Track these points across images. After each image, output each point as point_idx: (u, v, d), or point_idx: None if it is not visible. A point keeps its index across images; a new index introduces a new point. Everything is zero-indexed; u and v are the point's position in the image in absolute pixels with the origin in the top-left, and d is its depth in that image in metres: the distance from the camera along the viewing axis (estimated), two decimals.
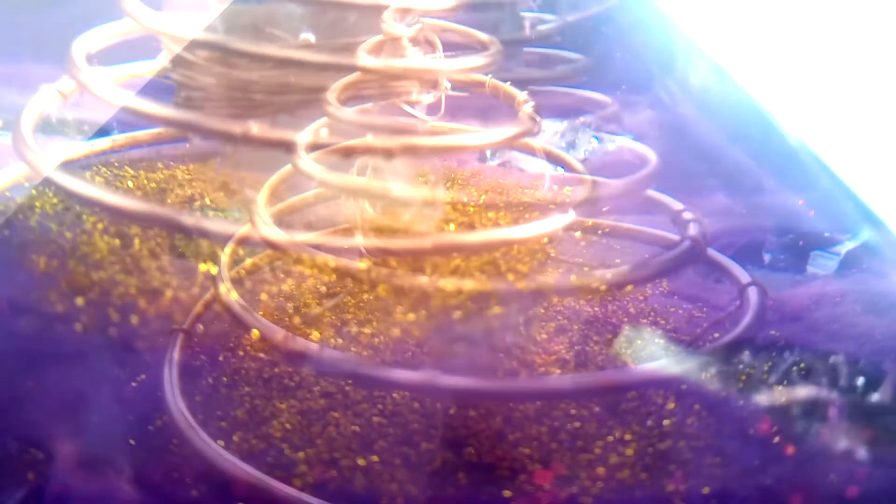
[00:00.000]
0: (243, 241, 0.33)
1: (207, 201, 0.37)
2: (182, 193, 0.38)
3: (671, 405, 0.27)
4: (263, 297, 0.36)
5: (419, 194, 0.26)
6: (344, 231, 0.36)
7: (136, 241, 0.34)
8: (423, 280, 0.25)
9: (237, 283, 0.33)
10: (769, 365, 0.29)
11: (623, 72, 0.35)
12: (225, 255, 0.32)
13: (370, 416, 0.27)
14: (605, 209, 0.32)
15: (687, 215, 0.29)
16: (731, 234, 0.36)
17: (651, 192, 0.30)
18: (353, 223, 0.32)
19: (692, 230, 0.28)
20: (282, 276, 0.36)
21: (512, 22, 0.29)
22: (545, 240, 0.29)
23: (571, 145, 0.30)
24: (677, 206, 0.30)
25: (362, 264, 0.28)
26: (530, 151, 0.29)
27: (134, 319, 0.32)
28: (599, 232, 0.36)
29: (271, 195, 0.32)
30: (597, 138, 0.30)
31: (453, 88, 0.29)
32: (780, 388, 0.28)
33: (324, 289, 0.35)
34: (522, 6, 0.30)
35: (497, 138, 0.27)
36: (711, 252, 0.31)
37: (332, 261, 0.27)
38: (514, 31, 0.29)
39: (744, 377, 0.28)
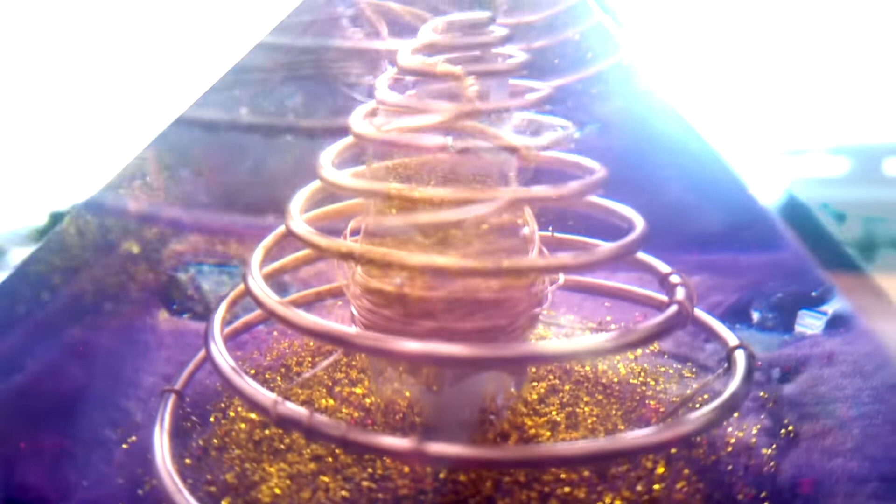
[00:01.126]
0: (238, 301, 0.33)
1: None
2: None
3: (661, 470, 0.27)
4: (255, 354, 0.36)
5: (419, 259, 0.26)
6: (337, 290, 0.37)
7: None
8: (412, 346, 0.25)
9: (230, 341, 0.33)
10: (758, 428, 0.29)
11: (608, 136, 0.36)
12: (218, 314, 0.32)
13: (360, 480, 0.27)
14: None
15: (674, 279, 0.29)
16: (721, 292, 0.36)
17: (640, 255, 0.30)
18: (344, 285, 0.32)
19: (679, 294, 0.28)
20: (275, 333, 0.37)
21: (501, 89, 0.30)
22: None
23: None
24: (665, 268, 0.30)
25: (351, 329, 0.29)
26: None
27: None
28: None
29: (266, 255, 0.32)
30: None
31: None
32: (770, 450, 0.28)
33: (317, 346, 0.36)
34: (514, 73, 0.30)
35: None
36: (699, 312, 0.31)
37: (318, 324, 0.27)
38: (503, 99, 0.30)
39: (732, 441, 0.28)
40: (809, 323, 0.34)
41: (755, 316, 0.35)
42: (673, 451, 0.27)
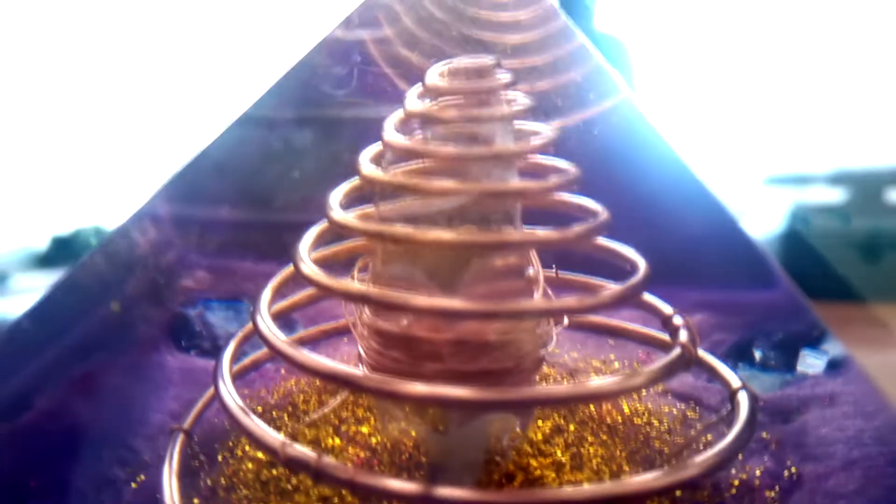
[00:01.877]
0: (247, 339, 0.34)
1: None
2: None
3: None
4: (263, 392, 0.36)
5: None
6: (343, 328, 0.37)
7: None
8: (419, 388, 0.26)
9: (238, 379, 0.33)
10: (761, 470, 0.29)
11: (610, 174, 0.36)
12: (227, 352, 0.33)
13: None
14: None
15: (677, 320, 0.29)
16: (723, 331, 0.37)
17: (644, 296, 0.31)
18: (351, 323, 0.33)
19: (682, 336, 0.28)
20: (282, 371, 0.37)
21: (506, 133, 0.31)
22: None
23: None
24: (667, 310, 0.30)
25: (357, 370, 0.29)
26: None
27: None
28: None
29: (274, 294, 0.33)
30: None
31: None
32: (773, 493, 0.29)
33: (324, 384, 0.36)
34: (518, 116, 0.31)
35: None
36: (702, 353, 0.31)
37: (325, 365, 0.27)
38: (508, 142, 0.31)
39: (736, 483, 0.29)
40: (811, 363, 0.34)
41: (757, 355, 0.35)
42: (678, 493, 0.28)
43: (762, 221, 1.14)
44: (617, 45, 1.12)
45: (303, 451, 0.26)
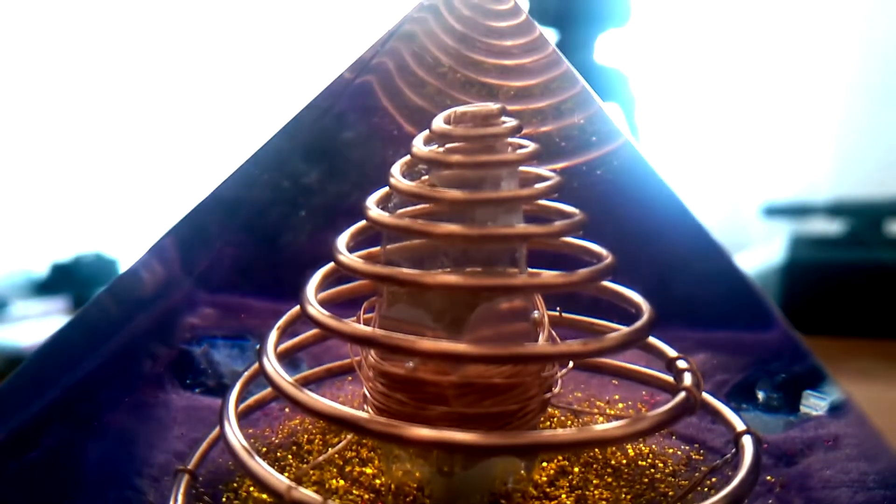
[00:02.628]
0: (252, 380, 0.34)
1: None
2: None
3: None
4: (267, 432, 0.36)
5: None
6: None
7: None
8: (425, 433, 0.26)
9: (243, 419, 0.33)
10: None
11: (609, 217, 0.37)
12: (233, 393, 0.33)
13: None
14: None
15: (681, 364, 0.30)
16: (726, 371, 0.37)
17: (649, 339, 0.31)
18: (356, 362, 0.33)
19: (687, 380, 0.28)
20: (286, 410, 0.37)
21: (512, 178, 0.31)
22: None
23: None
24: (671, 353, 0.31)
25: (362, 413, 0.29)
26: None
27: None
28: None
29: (280, 335, 0.33)
30: None
31: None
32: None
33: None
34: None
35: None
36: (706, 396, 0.32)
37: (331, 408, 0.28)
38: (513, 188, 0.31)
39: None
40: (814, 404, 0.34)
41: (760, 396, 0.36)
42: None
43: (760, 253, 1.15)
44: (619, 78, 1.14)
45: (308, 494, 0.26)
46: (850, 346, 0.80)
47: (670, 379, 0.32)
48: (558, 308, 0.34)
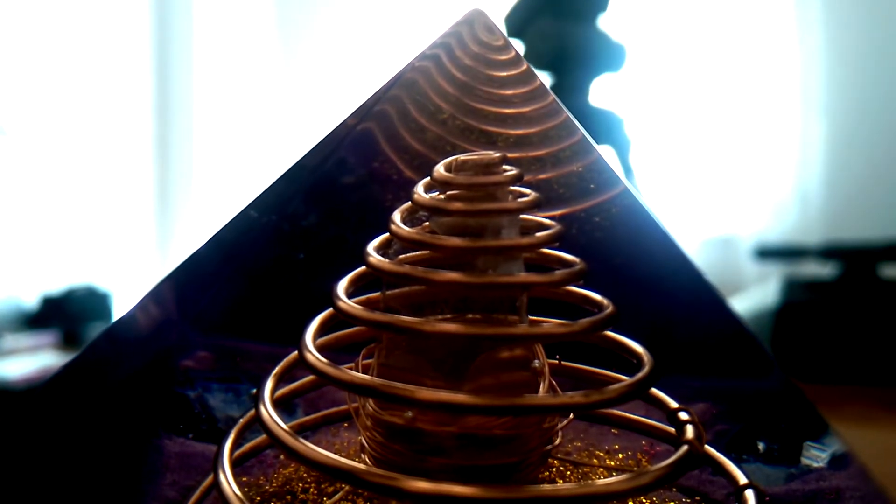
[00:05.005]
0: (248, 427, 0.34)
1: None
2: None
3: None
4: (261, 480, 0.36)
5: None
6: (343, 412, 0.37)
7: None
8: (423, 486, 0.25)
9: (237, 467, 0.33)
10: None
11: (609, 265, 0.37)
12: (228, 441, 0.32)
13: None
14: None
15: (683, 416, 0.29)
16: (726, 421, 0.36)
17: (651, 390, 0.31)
18: (352, 409, 0.33)
19: (689, 433, 0.28)
20: (281, 458, 0.36)
21: (512, 226, 0.31)
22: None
23: None
24: (673, 404, 0.31)
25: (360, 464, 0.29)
26: None
27: None
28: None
29: (277, 383, 0.33)
30: None
31: None
32: None
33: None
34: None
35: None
36: (708, 448, 0.31)
37: (328, 459, 0.27)
38: (514, 236, 0.31)
39: None
40: (815, 455, 0.34)
41: (760, 447, 0.35)
42: None
43: (754, 295, 1.15)
44: (614, 120, 1.15)
45: None
46: (842, 392, 0.79)
47: (671, 429, 0.31)
48: (558, 356, 0.34)
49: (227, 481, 0.30)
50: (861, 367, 0.89)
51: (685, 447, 0.27)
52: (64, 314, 1.65)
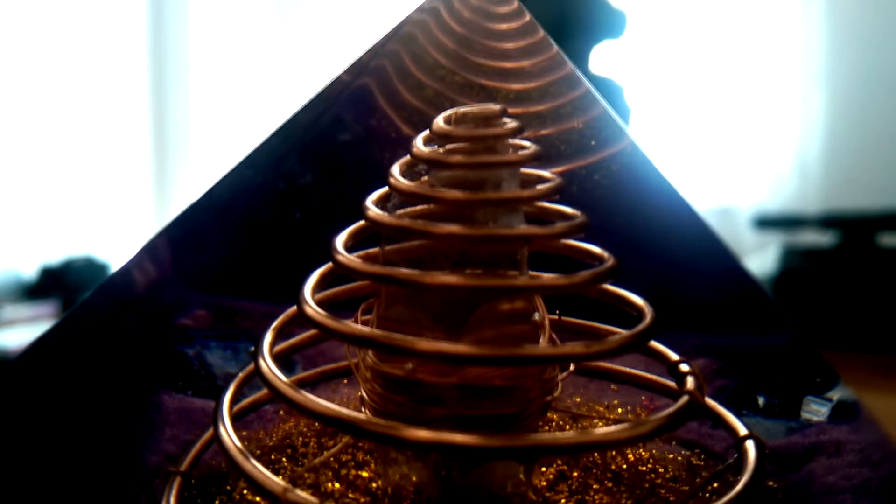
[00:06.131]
0: (247, 381, 0.33)
1: None
2: None
3: None
4: (261, 434, 0.36)
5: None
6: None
7: None
8: (424, 434, 0.25)
9: (236, 421, 0.33)
10: None
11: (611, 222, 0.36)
12: (227, 394, 0.32)
13: None
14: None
15: (684, 367, 0.29)
16: (726, 376, 0.36)
17: (650, 343, 0.31)
18: (353, 364, 0.33)
19: (690, 384, 0.28)
20: (281, 413, 0.36)
21: (512, 179, 0.31)
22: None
23: None
24: (673, 356, 0.30)
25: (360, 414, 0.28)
26: None
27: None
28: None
29: (276, 336, 0.33)
30: None
31: None
32: None
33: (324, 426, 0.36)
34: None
35: None
36: (708, 400, 0.31)
37: (328, 409, 0.27)
38: (514, 188, 0.31)
39: None
40: (815, 410, 0.34)
41: (760, 401, 0.35)
42: None
43: (752, 263, 1.15)
44: (613, 88, 1.14)
45: (304, 496, 0.26)
46: (841, 359, 0.80)
47: (671, 383, 0.31)
48: (557, 312, 0.34)
49: (228, 433, 0.29)
50: (859, 334, 0.89)
51: (685, 398, 0.27)
52: (63, 285, 1.64)
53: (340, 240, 0.32)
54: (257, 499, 0.31)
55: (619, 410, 0.36)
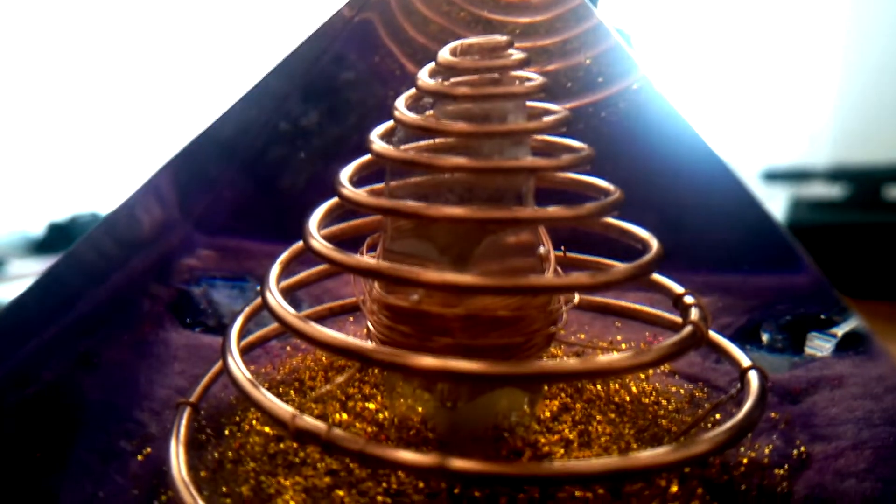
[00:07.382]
0: (253, 316, 0.34)
1: None
2: None
3: (674, 489, 0.27)
4: (269, 368, 0.36)
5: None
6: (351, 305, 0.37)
7: None
8: (429, 361, 0.26)
9: (244, 355, 0.33)
10: (770, 449, 0.29)
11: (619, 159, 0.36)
12: (235, 327, 0.33)
13: (374, 494, 0.28)
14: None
15: (688, 300, 0.29)
16: (731, 313, 0.37)
17: (654, 276, 0.31)
18: (360, 300, 0.33)
19: (694, 315, 0.28)
20: (288, 348, 0.37)
21: (518, 112, 0.31)
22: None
23: None
24: (678, 289, 0.30)
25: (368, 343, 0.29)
26: None
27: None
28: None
29: (282, 270, 0.33)
30: None
31: None
32: (782, 471, 0.29)
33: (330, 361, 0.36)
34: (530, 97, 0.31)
35: None
36: (712, 334, 0.31)
37: (336, 338, 0.27)
38: (520, 121, 0.30)
39: (745, 461, 0.29)
40: (819, 345, 0.34)
41: (765, 337, 0.35)
42: (686, 469, 0.28)
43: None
44: (621, 37, 1.12)
45: (313, 422, 0.26)
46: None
47: (675, 318, 0.32)
48: (563, 247, 0.34)
49: (237, 364, 0.30)
50: (868, 284, 0.89)
51: (689, 328, 0.27)
52: (69, 240, 1.66)
53: (346, 174, 0.31)
54: (266, 428, 0.31)
55: (623, 346, 0.36)
